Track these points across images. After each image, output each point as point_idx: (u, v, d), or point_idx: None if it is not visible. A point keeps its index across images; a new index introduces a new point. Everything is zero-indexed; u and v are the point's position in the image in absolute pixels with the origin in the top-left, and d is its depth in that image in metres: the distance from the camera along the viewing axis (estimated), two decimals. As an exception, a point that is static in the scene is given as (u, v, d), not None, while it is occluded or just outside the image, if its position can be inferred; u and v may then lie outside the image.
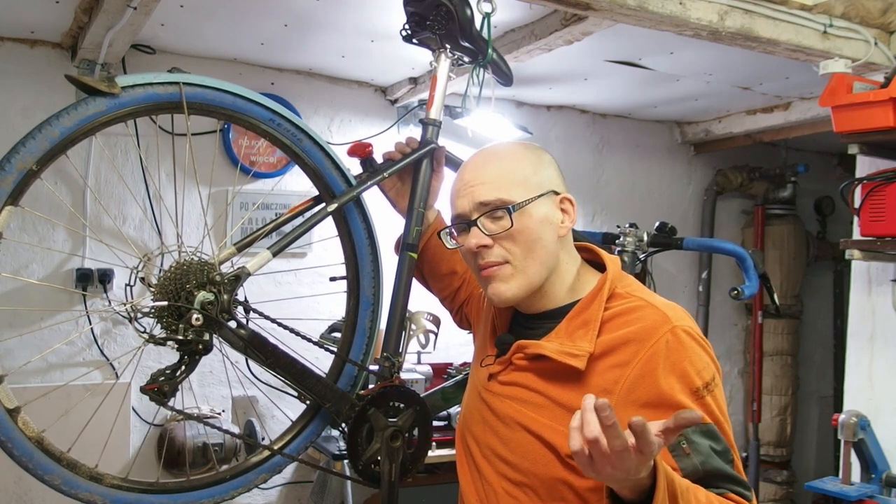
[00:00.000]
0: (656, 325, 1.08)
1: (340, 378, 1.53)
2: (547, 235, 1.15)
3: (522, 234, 1.13)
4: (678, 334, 1.06)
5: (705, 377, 1.06)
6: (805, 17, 2.12)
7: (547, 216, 1.15)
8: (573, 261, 1.20)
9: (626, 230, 2.12)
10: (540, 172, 1.17)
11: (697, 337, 1.09)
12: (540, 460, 1.12)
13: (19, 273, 2.68)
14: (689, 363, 1.05)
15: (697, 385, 1.04)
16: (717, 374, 1.08)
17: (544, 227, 1.14)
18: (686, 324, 1.09)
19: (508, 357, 1.18)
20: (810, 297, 4.37)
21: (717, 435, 1.04)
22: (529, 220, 1.13)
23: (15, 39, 2.68)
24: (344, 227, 1.52)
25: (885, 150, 2.35)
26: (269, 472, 1.47)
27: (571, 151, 3.74)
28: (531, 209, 1.14)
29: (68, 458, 1.28)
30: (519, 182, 1.15)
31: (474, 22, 1.56)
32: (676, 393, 1.03)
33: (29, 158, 1.20)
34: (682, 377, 1.04)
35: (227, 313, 1.29)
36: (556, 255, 1.16)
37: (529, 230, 1.13)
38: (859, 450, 2.35)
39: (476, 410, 1.24)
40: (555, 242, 1.16)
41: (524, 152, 1.20)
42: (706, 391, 1.05)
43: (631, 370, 1.06)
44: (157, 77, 1.28)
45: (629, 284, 1.17)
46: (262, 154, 3.10)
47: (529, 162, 1.18)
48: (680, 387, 1.04)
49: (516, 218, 1.13)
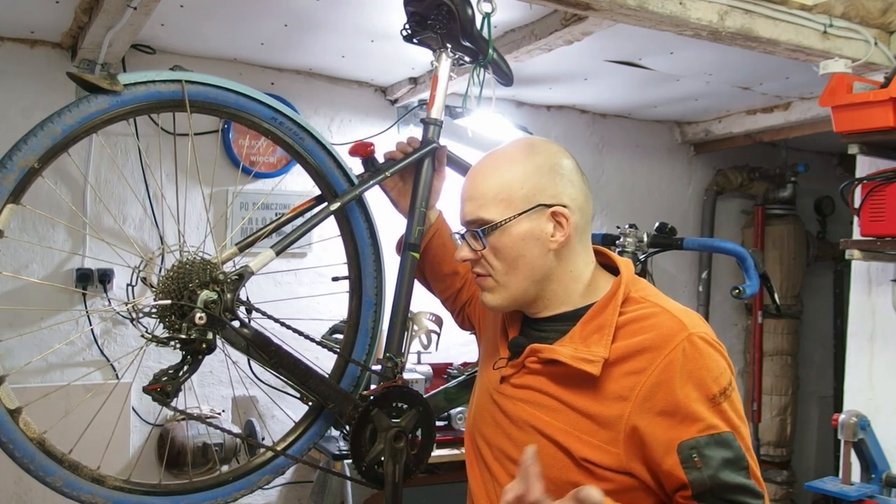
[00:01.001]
0: (673, 332, 1.07)
1: (343, 378, 1.53)
2: (530, 251, 1.14)
3: (502, 252, 1.15)
4: (695, 341, 1.07)
5: (722, 383, 1.06)
6: (805, 17, 2.12)
7: (531, 232, 1.14)
8: (585, 265, 1.19)
9: (625, 231, 2.12)
10: (531, 183, 1.14)
11: (713, 342, 1.09)
12: (553, 464, 1.11)
13: (20, 272, 2.68)
14: (707, 371, 1.06)
15: (714, 392, 1.05)
16: (732, 378, 1.09)
17: (527, 244, 1.14)
18: (702, 330, 1.09)
19: (521, 360, 1.18)
20: (810, 297, 4.37)
21: (731, 443, 1.04)
22: (508, 239, 1.14)
23: (15, 39, 2.68)
24: (346, 226, 1.51)
25: (885, 150, 2.35)
26: (271, 474, 1.46)
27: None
28: (510, 228, 1.14)
29: (70, 460, 1.27)
30: (502, 199, 1.14)
31: (475, 22, 1.56)
32: (692, 402, 1.04)
33: (30, 156, 1.19)
34: (699, 385, 1.05)
35: (230, 312, 1.28)
36: (546, 268, 1.16)
37: (508, 248, 1.15)
38: (859, 450, 2.35)
39: (487, 412, 1.24)
40: (543, 256, 1.15)
41: (523, 159, 1.17)
42: (723, 397, 1.06)
43: (647, 378, 1.06)
44: (160, 75, 1.28)
45: (643, 289, 1.17)
46: (262, 154, 3.09)
47: (523, 172, 1.15)
48: (696, 395, 1.04)
49: (494, 238, 1.15)
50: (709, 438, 1.03)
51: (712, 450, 1.03)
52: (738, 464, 1.04)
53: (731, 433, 1.05)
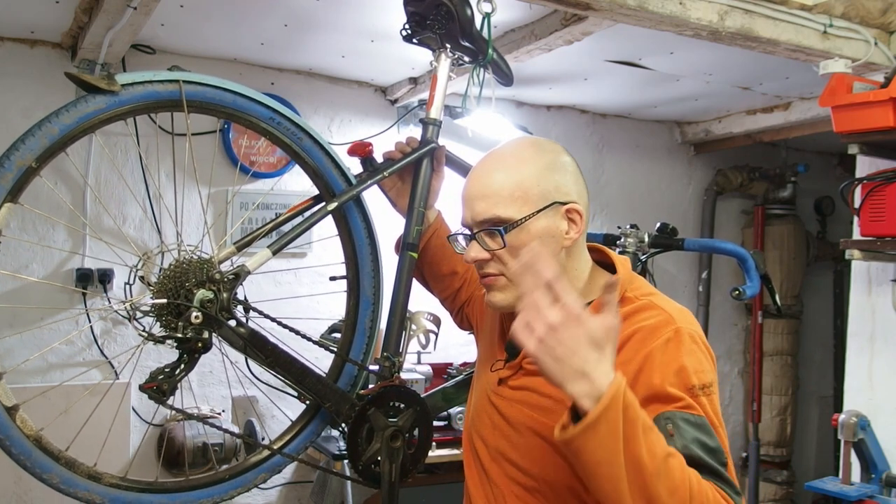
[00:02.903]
0: (660, 324, 1.07)
1: (340, 378, 1.53)
2: (546, 249, 1.13)
3: (519, 251, 1.13)
4: (681, 335, 1.06)
5: (703, 379, 1.03)
6: (805, 17, 2.12)
7: (548, 229, 1.13)
8: (584, 265, 1.19)
9: (627, 231, 2.12)
10: (545, 181, 1.13)
11: (700, 341, 1.07)
12: (551, 465, 1.11)
13: (19, 272, 2.68)
14: (688, 361, 1.04)
15: (693, 383, 1.02)
16: (714, 382, 1.06)
17: (543, 242, 1.12)
18: (691, 328, 1.08)
19: (518, 361, 1.18)
20: (810, 297, 4.37)
21: (708, 430, 1.00)
22: (527, 237, 1.12)
23: (15, 39, 2.68)
24: (344, 226, 1.52)
25: (885, 150, 2.35)
26: (268, 472, 1.47)
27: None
28: (529, 225, 1.12)
29: (67, 457, 1.28)
30: (518, 196, 1.12)
31: (474, 22, 1.56)
32: (670, 386, 1.01)
33: (28, 155, 1.20)
34: (678, 372, 1.03)
35: (226, 311, 1.29)
36: (558, 266, 1.15)
37: (527, 245, 1.13)
38: (859, 450, 2.35)
39: (485, 413, 1.23)
40: (557, 254, 1.14)
41: (533, 157, 1.16)
42: (702, 392, 1.02)
43: (631, 367, 1.05)
44: (157, 75, 1.28)
45: (639, 287, 1.16)
46: (261, 154, 3.10)
47: (536, 170, 1.14)
48: (674, 381, 1.02)
49: (512, 236, 1.12)
50: (685, 415, 0.99)
51: (687, 425, 0.99)
52: (716, 455, 0.99)
53: (708, 422, 1.01)
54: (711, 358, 1.08)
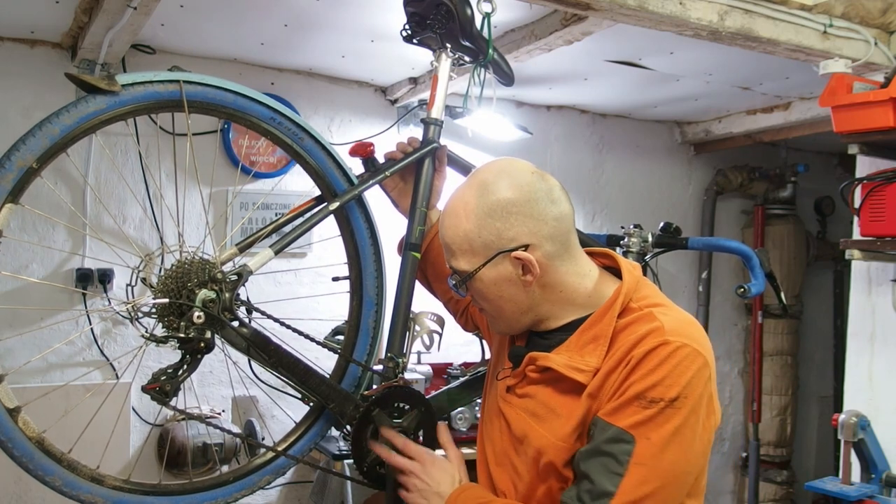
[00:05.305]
0: (647, 333, 1.06)
1: (344, 379, 1.52)
2: (508, 292, 1.14)
3: (483, 295, 1.17)
4: (668, 348, 1.03)
5: (670, 394, 1.01)
6: (805, 17, 2.12)
7: (501, 276, 1.13)
8: (580, 278, 1.17)
9: (630, 231, 2.12)
10: (486, 231, 1.11)
11: (686, 359, 1.03)
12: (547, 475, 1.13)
13: (19, 272, 2.68)
14: (661, 372, 1.02)
15: (654, 396, 1.01)
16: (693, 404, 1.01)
17: (501, 287, 1.14)
18: (681, 341, 1.04)
19: (522, 370, 1.19)
20: (810, 297, 4.37)
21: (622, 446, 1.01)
22: (482, 286, 1.16)
23: (15, 39, 2.68)
24: (346, 226, 1.51)
25: (885, 150, 2.35)
26: (272, 474, 1.46)
27: (571, 151, 3.74)
28: (481, 276, 1.14)
29: (69, 459, 1.27)
30: (466, 249, 1.14)
31: (474, 22, 1.56)
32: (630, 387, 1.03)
33: (29, 156, 1.19)
34: (644, 378, 1.02)
35: (229, 312, 1.28)
36: (532, 300, 1.15)
37: (487, 292, 1.16)
38: (859, 450, 2.35)
39: (495, 417, 1.25)
40: (523, 293, 1.14)
41: (475, 205, 1.12)
42: (665, 406, 1.00)
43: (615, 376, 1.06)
44: (158, 75, 1.28)
45: (645, 297, 1.14)
46: (262, 154, 3.09)
47: (476, 220, 1.12)
48: (638, 389, 1.02)
49: (471, 286, 1.17)
50: (609, 427, 1.02)
51: (602, 433, 1.03)
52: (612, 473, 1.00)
53: (634, 440, 1.00)
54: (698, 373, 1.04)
